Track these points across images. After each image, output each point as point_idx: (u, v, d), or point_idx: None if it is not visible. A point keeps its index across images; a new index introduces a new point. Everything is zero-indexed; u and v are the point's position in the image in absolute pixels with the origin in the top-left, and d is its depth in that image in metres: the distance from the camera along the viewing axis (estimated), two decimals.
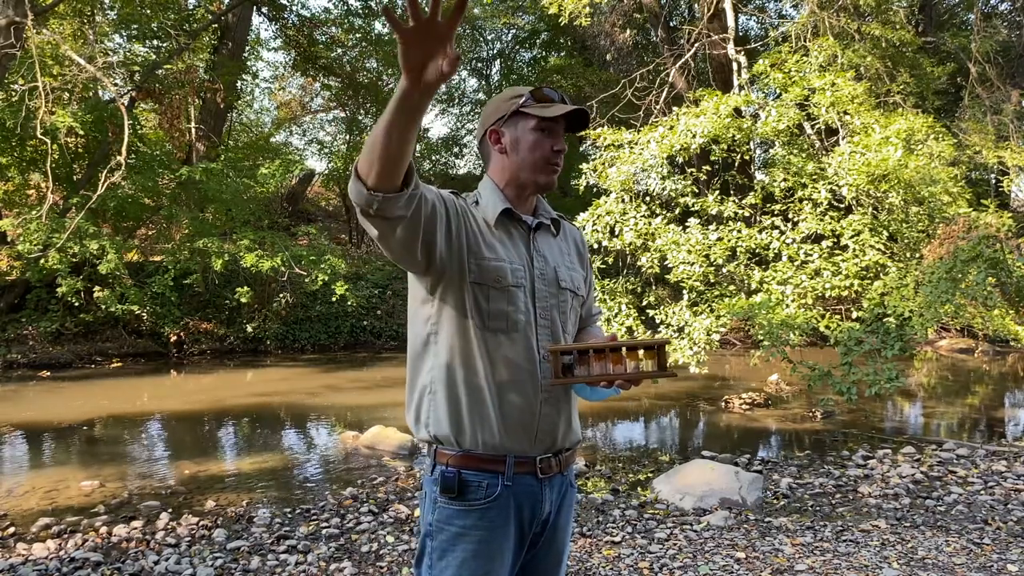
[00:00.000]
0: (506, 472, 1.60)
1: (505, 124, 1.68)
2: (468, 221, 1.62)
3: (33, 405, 9.14)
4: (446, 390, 1.60)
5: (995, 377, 11.51)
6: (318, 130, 23.46)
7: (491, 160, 1.72)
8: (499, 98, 1.72)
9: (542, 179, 1.68)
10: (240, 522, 4.65)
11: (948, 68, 14.64)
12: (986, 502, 4.86)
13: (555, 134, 1.67)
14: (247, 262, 11.77)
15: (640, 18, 17.31)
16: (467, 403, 1.59)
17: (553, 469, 1.67)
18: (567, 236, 1.84)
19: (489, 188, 1.71)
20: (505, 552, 1.62)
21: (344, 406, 8.95)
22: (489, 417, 1.59)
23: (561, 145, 1.67)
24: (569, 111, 1.65)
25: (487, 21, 22.20)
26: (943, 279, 6.31)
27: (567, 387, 1.69)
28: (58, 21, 12.74)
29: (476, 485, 1.59)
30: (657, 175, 9.08)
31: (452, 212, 1.57)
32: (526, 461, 1.63)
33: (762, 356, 7.36)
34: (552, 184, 1.70)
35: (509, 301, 1.61)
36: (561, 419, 1.67)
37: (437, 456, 1.63)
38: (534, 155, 1.66)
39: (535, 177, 1.68)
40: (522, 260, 1.66)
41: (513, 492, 1.61)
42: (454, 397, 1.60)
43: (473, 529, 1.59)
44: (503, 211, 1.66)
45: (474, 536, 1.59)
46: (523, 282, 1.64)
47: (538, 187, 1.70)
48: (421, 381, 1.65)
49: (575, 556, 3.89)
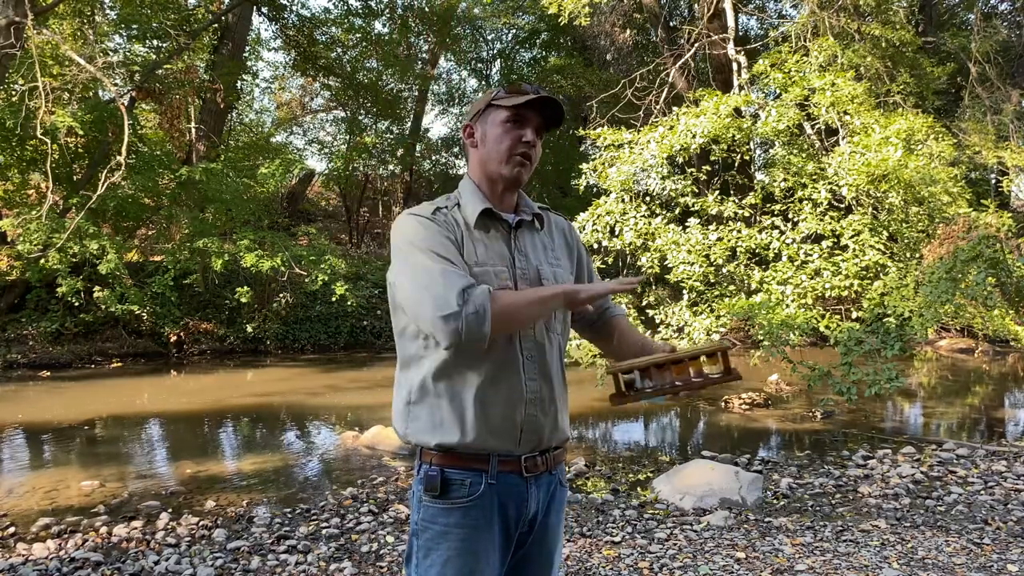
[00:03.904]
0: (490, 471, 1.60)
1: (478, 119, 1.68)
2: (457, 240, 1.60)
3: (33, 405, 9.14)
4: (431, 391, 1.60)
5: (995, 377, 11.50)
6: (318, 130, 23.51)
7: (469, 158, 1.72)
8: (479, 98, 1.72)
9: (506, 171, 1.64)
10: (240, 522, 4.65)
11: (948, 68, 14.63)
12: (986, 502, 4.86)
13: (523, 126, 1.63)
14: (247, 262, 11.77)
15: (640, 18, 17.31)
16: (451, 404, 1.59)
17: (539, 467, 1.67)
18: (552, 230, 1.80)
19: (468, 188, 1.69)
20: (490, 550, 1.61)
21: (344, 406, 8.96)
22: (472, 418, 1.58)
23: (529, 136, 1.63)
24: (535, 99, 1.61)
25: (487, 21, 22.20)
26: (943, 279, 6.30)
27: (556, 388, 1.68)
28: (58, 21, 12.74)
29: (459, 483, 1.59)
30: (657, 175, 9.08)
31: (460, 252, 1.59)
32: (510, 460, 1.62)
33: (762, 356, 7.36)
34: (520, 177, 1.65)
35: None
36: (547, 419, 1.66)
37: (422, 456, 1.64)
38: (500, 146, 1.63)
39: (500, 169, 1.64)
40: (504, 261, 1.64)
41: (497, 490, 1.61)
42: (438, 398, 1.60)
43: (456, 527, 1.59)
44: (482, 211, 1.64)
45: (458, 534, 1.59)
46: (507, 284, 1.61)
47: (505, 180, 1.66)
48: (407, 383, 1.65)
49: (575, 556, 3.89)
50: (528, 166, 1.65)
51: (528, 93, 1.63)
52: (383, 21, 19.22)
